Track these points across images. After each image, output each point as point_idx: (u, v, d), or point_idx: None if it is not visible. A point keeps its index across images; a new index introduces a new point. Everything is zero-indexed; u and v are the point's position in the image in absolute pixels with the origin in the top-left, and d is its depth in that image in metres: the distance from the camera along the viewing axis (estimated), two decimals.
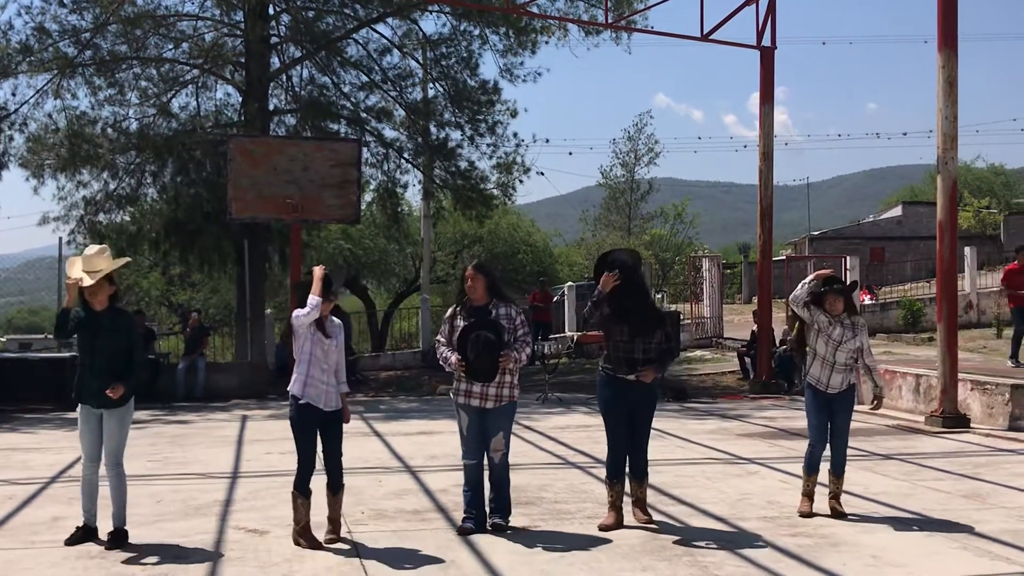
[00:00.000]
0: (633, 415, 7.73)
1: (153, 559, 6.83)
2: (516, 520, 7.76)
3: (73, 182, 23.66)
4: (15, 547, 7.16)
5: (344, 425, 7.52)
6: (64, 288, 7.42)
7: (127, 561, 6.78)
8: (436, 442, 12.54)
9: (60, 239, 22.12)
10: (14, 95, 22.85)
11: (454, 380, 7.66)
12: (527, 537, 7.37)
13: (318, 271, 7.32)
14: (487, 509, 7.67)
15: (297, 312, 7.23)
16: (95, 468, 7.35)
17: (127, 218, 24.76)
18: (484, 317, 7.52)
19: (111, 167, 23.63)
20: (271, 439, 12.96)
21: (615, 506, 7.75)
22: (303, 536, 7.16)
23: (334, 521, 7.40)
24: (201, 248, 24.26)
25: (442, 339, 7.68)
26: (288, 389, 7.42)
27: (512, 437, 12.71)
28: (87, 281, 7.14)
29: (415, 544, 7.18)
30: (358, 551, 7.00)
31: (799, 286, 8.34)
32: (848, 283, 8.45)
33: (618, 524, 7.65)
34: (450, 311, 7.75)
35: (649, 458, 7.95)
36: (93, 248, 7.43)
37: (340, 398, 7.44)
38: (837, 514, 8.01)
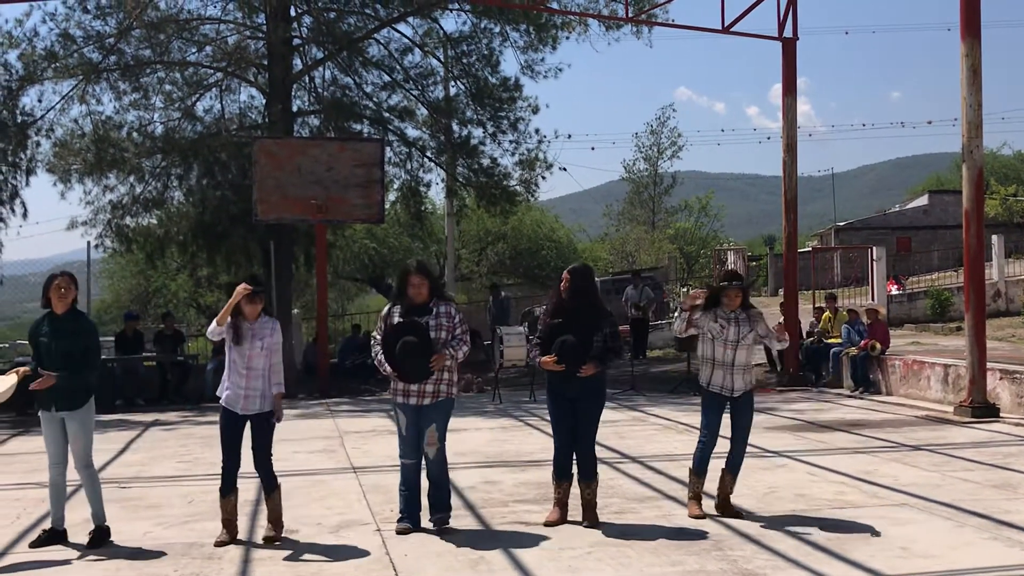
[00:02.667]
0: (575, 412, 7.71)
1: (185, 559, 6.89)
2: (543, 516, 7.78)
3: (100, 186, 23.83)
4: (48, 549, 7.25)
5: (277, 425, 7.55)
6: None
7: (159, 561, 6.85)
8: (462, 439, 12.57)
9: (88, 243, 22.29)
10: (40, 101, 23.05)
11: (391, 381, 7.65)
12: (555, 533, 7.39)
13: (238, 289, 7.29)
14: (429, 506, 7.69)
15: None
16: (61, 471, 7.44)
17: (154, 221, 24.91)
18: (413, 318, 7.49)
19: (137, 171, 23.78)
20: (299, 439, 13.03)
21: (560, 502, 7.80)
22: (225, 529, 7.35)
23: (274, 522, 7.46)
24: (228, 250, 24.39)
25: (379, 338, 7.63)
26: None
27: (539, 433, 12.78)
28: None
29: (443, 541, 7.22)
30: (387, 549, 7.04)
31: (677, 320, 8.33)
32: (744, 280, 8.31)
33: (562, 519, 7.71)
34: (385, 310, 7.72)
35: (676, 452, 7.95)
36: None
37: (267, 401, 7.42)
38: (730, 513, 7.86)
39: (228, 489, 7.39)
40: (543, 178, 25.80)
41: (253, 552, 7.07)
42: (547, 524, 7.64)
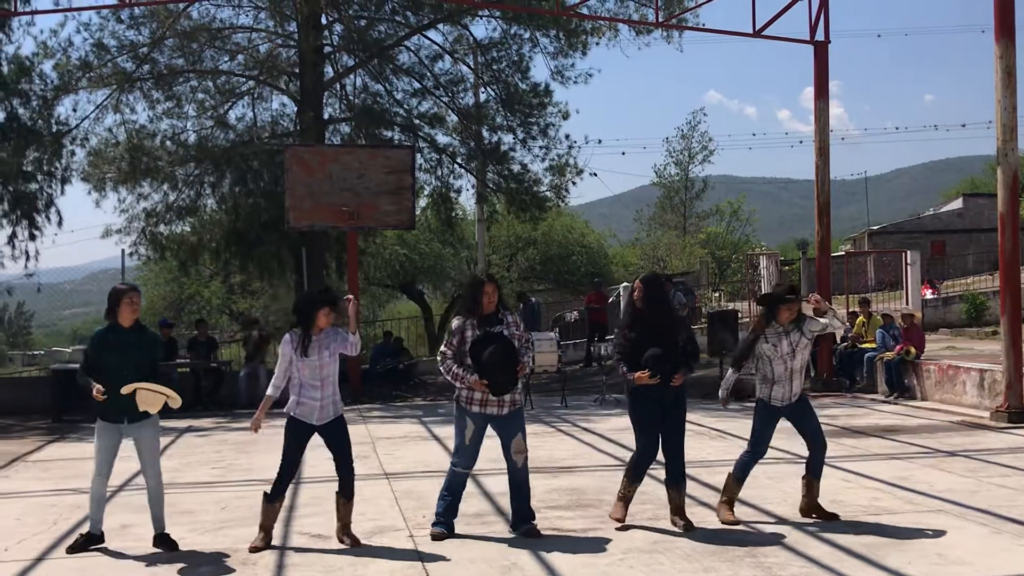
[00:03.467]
0: (667, 419, 7.73)
1: (218, 565, 6.94)
2: (576, 523, 7.79)
3: (134, 194, 24.09)
4: (85, 555, 7.32)
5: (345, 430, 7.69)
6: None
7: (194, 567, 6.90)
8: (495, 446, 12.53)
9: (123, 251, 22.54)
10: (75, 111, 23.34)
11: (461, 389, 7.60)
12: (588, 540, 7.38)
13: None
14: (515, 517, 7.73)
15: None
16: (106, 482, 7.52)
17: (187, 229, 25.15)
18: (493, 329, 7.50)
19: (170, 179, 24.01)
20: None
21: (627, 499, 7.83)
22: (262, 535, 7.39)
23: (346, 526, 7.51)
24: (260, 257, 24.57)
25: (449, 352, 7.59)
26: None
27: (571, 439, 12.78)
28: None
29: (476, 547, 7.23)
30: (420, 554, 7.06)
31: (724, 387, 8.31)
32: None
33: (624, 515, 7.74)
34: (458, 323, 7.63)
35: (711, 458, 7.92)
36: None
37: (339, 406, 7.62)
38: (826, 515, 7.88)
39: (276, 496, 7.44)
40: (573, 183, 25.81)
41: (287, 557, 7.11)
42: (619, 522, 7.64)
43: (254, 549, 7.27)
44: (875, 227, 57.55)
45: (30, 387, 20.15)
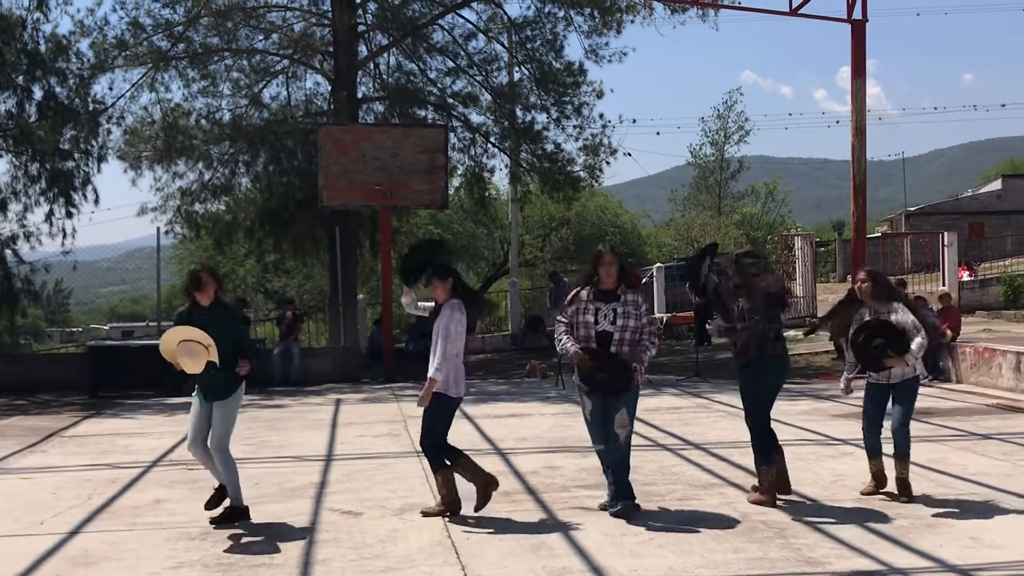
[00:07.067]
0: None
1: (250, 540, 7.00)
2: (603, 501, 7.76)
3: (169, 173, 24.27)
4: (119, 528, 7.40)
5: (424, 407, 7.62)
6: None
7: (226, 542, 6.95)
8: (526, 425, 12.59)
9: (159, 229, 22.68)
10: (111, 89, 23.51)
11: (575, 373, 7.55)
12: (617, 519, 7.37)
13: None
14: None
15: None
16: (197, 449, 7.63)
17: (222, 207, 25.31)
18: (609, 305, 7.41)
19: (205, 158, 24.16)
20: (364, 422, 13.15)
21: (765, 488, 7.74)
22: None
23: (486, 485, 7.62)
24: (294, 235, 24.70)
25: (564, 320, 7.53)
26: None
27: None
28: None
29: (505, 525, 7.24)
30: (449, 532, 7.08)
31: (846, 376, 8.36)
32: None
33: (772, 502, 7.64)
34: (575, 293, 7.56)
35: (741, 440, 7.88)
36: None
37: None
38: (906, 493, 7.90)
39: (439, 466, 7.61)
40: (607, 163, 25.69)
41: (317, 534, 7.15)
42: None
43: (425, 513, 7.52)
44: (912, 208, 56.97)
45: (68, 364, 20.38)
